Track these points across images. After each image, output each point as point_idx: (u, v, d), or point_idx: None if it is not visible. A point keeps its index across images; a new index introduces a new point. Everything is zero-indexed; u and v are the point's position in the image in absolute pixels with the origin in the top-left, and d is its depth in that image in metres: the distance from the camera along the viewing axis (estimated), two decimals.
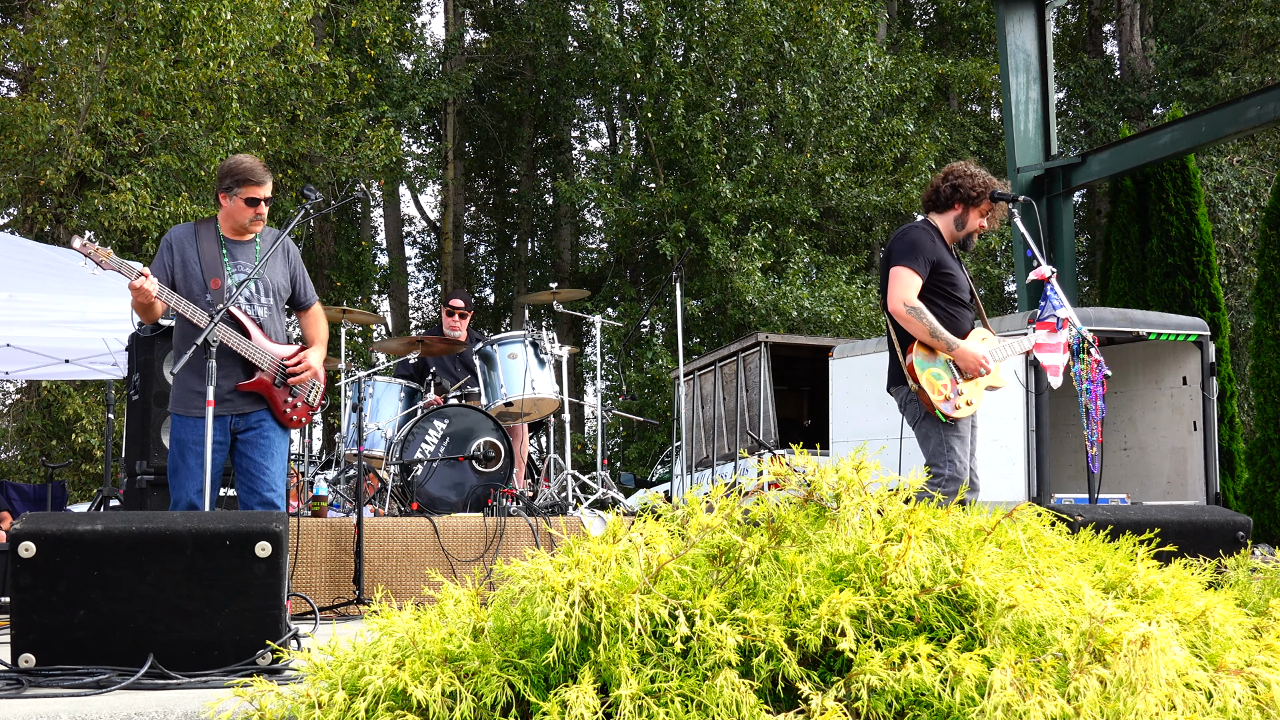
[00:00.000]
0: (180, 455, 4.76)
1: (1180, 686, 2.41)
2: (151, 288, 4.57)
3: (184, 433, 4.76)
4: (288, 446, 5.04)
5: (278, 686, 2.60)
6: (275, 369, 4.85)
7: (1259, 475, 11.39)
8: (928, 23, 27.35)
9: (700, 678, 2.41)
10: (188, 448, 4.74)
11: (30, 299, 8.22)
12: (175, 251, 4.83)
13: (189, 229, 4.91)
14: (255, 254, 4.92)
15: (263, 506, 4.77)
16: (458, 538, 6.37)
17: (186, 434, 4.75)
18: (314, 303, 5.15)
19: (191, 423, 4.72)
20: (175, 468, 4.78)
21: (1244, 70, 22.70)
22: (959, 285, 5.02)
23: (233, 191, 4.85)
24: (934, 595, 2.53)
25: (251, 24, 14.96)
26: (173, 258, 4.82)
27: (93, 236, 4.68)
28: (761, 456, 9.10)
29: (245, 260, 4.90)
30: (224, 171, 4.89)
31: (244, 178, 4.83)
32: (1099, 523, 3.37)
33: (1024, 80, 13.18)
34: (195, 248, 4.85)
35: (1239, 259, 20.66)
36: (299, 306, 5.11)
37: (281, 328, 5.02)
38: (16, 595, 3.44)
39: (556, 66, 23.17)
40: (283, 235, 4.93)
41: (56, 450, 15.74)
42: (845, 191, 20.55)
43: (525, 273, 25.24)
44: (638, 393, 19.53)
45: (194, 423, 4.70)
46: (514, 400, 7.39)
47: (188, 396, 4.75)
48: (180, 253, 4.83)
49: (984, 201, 5.06)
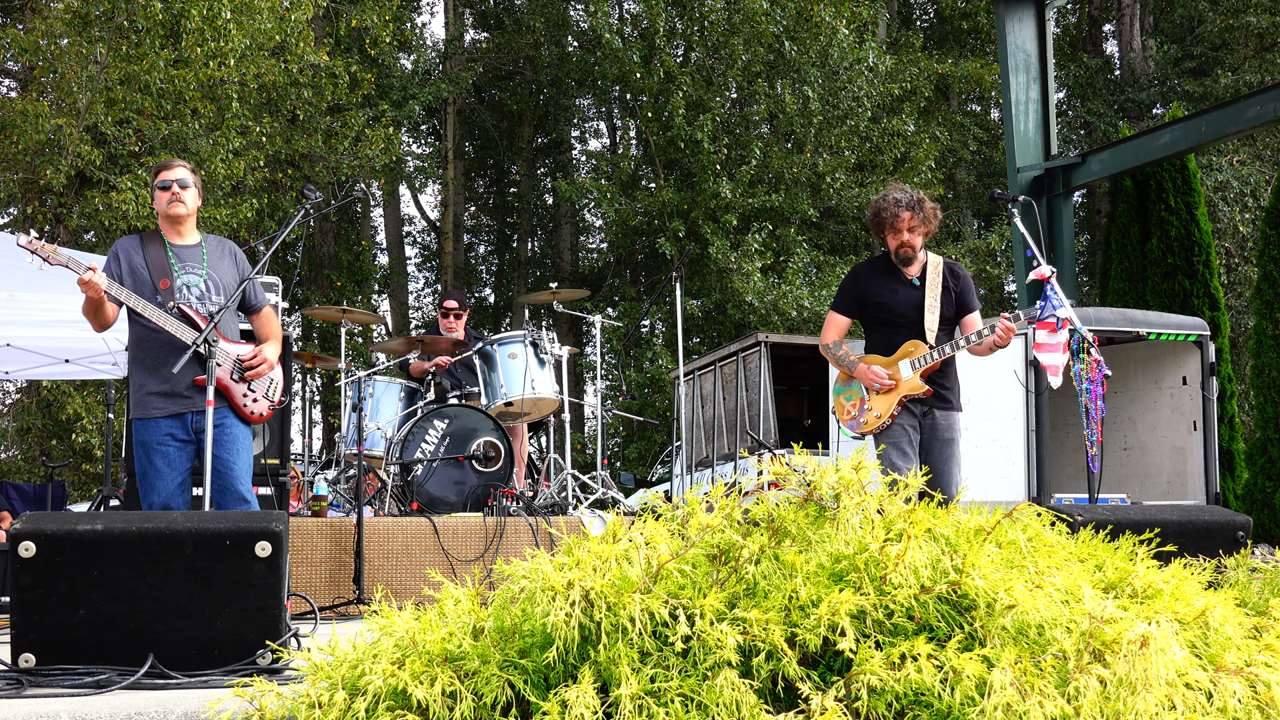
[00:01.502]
0: (146, 458, 4.76)
1: (1180, 686, 2.41)
2: (100, 281, 4.61)
3: (146, 434, 4.76)
4: (251, 442, 5.03)
5: (278, 686, 2.61)
6: (231, 364, 4.87)
7: (1259, 475, 11.38)
8: (928, 23, 27.34)
9: (700, 677, 2.41)
10: (152, 449, 4.75)
11: (30, 298, 8.22)
12: (122, 259, 4.88)
13: (134, 239, 4.98)
14: (202, 255, 4.97)
15: (239, 503, 4.77)
16: (458, 537, 6.37)
17: (149, 435, 4.76)
18: (265, 305, 5.19)
19: (152, 424, 4.75)
20: (143, 471, 4.78)
21: (1244, 70, 22.69)
22: (892, 309, 5.41)
23: (151, 187, 5.06)
24: (934, 595, 2.53)
25: (251, 24, 14.95)
26: (120, 265, 4.87)
27: (36, 234, 4.75)
28: (761, 456, 9.10)
29: (192, 262, 4.94)
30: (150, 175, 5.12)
31: (154, 170, 5.04)
32: (1099, 522, 3.37)
33: (1024, 80, 13.18)
34: (141, 254, 4.89)
35: (1239, 259, 20.66)
36: (250, 309, 5.13)
37: (234, 327, 5.05)
38: (16, 595, 3.44)
39: (556, 66, 23.16)
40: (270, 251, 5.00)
41: (56, 450, 15.75)
42: (845, 191, 20.54)
43: (525, 273, 25.24)
44: (637, 393, 19.52)
45: (154, 424, 4.74)
46: (514, 400, 7.39)
47: (145, 400, 4.77)
48: (127, 260, 4.88)
49: (884, 224, 5.38)
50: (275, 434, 6.26)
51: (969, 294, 5.46)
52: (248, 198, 15.84)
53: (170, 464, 4.75)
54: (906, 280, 5.42)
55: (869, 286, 5.49)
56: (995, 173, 24.34)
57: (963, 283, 5.46)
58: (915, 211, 5.33)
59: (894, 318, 5.40)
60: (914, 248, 5.36)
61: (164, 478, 4.73)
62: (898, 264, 5.44)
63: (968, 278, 5.51)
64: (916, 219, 5.33)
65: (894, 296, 5.42)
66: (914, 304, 5.37)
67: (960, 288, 5.44)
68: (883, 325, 5.46)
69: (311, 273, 21.68)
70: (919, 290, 5.39)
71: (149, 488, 4.76)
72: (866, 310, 5.52)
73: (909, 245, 5.35)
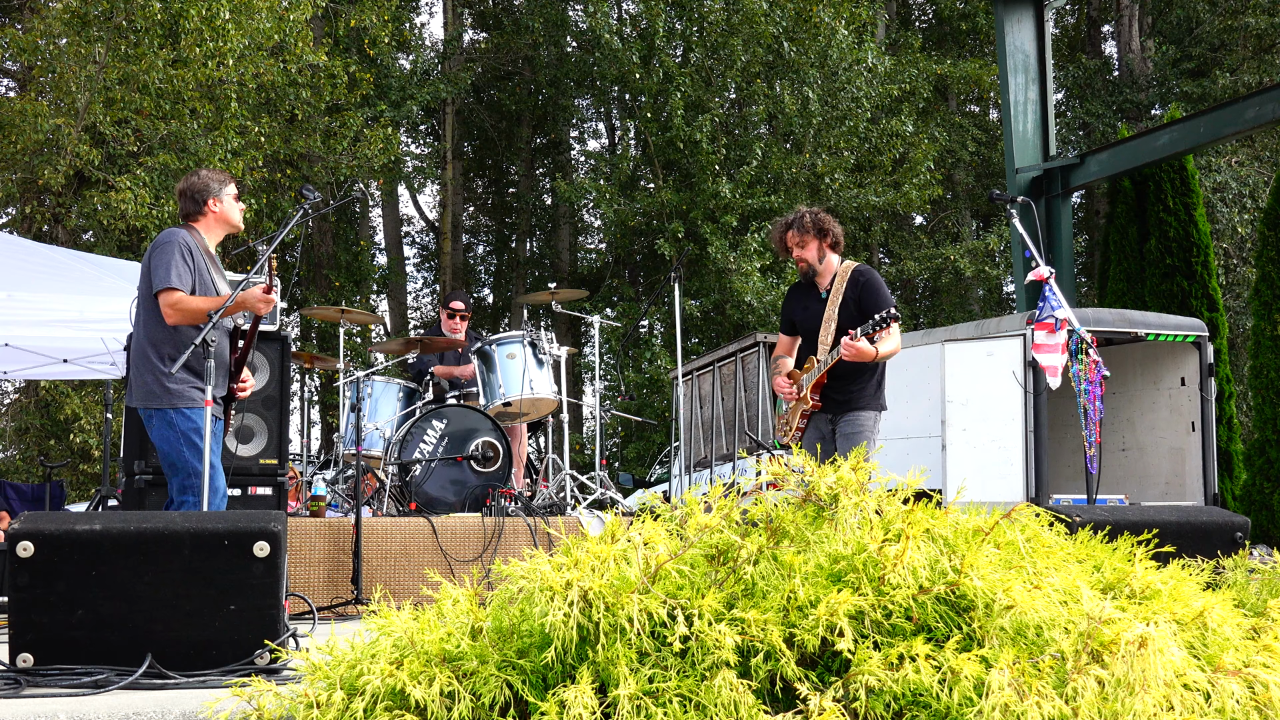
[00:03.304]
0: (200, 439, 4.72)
1: (1178, 687, 2.41)
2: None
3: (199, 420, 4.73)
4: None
5: (276, 686, 2.60)
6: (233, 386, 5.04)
7: (1257, 476, 11.38)
8: (927, 23, 27.35)
9: (698, 678, 2.41)
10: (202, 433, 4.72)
11: (28, 298, 8.21)
12: (193, 263, 4.87)
13: (189, 239, 4.94)
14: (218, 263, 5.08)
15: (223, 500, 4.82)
16: (456, 538, 6.37)
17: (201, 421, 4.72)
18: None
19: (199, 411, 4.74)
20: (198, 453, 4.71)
21: (1242, 71, 22.71)
22: (805, 324, 5.66)
23: (220, 192, 5.00)
24: (932, 595, 2.53)
25: (250, 23, 14.94)
26: (192, 266, 4.85)
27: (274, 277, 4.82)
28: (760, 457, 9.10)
29: (217, 272, 5.04)
30: (201, 183, 5.00)
31: (223, 178, 5.03)
32: (1097, 523, 3.37)
33: (1023, 81, 13.18)
34: (202, 258, 4.94)
35: (1237, 260, 20.67)
36: None
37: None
38: (14, 595, 3.44)
39: (555, 67, 23.15)
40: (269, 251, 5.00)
41: (55, 450, 15.73)
42: (844, 192, 20.54)
43: (524, 273, 25.23)
44: (636, 393, 19.51)
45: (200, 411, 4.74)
46: (512, 400, 7.38)
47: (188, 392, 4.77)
48: (197, 265, 4.88)
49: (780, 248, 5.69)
50: (273, 434, 6.25)
51: (871, 297, 5.44)
52: (246, 198, 15.78)
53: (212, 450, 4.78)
54: (818, 295, 5.62)
55: (791, 305, 5.81)
56: (994, 173, 24.34)
57: (862, 288, 5.47)
58: (796, 229, 5.56)
59: (806, 333, 5.66)
60: (808, 262, 5.57)
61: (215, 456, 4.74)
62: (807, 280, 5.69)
63: (870, 282, 5.50)
64: (798, 234, 5.56)
65: (805, 313, 5.67)
66: (817, 318, 5.56)
67: (859, 293, 5.47)
68: (803, 341, 5.73)
69: (310, 273, 21.67)
70: (824, 304, 5.55)
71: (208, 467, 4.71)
72: (795, 328, 5.78)
73: (801, 260, 5.58)
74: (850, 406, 5.46)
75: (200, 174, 5.07)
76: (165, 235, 4.90)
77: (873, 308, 5.33)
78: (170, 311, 4.74)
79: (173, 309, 4.73)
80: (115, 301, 8.00)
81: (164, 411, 4.76)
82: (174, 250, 4.80)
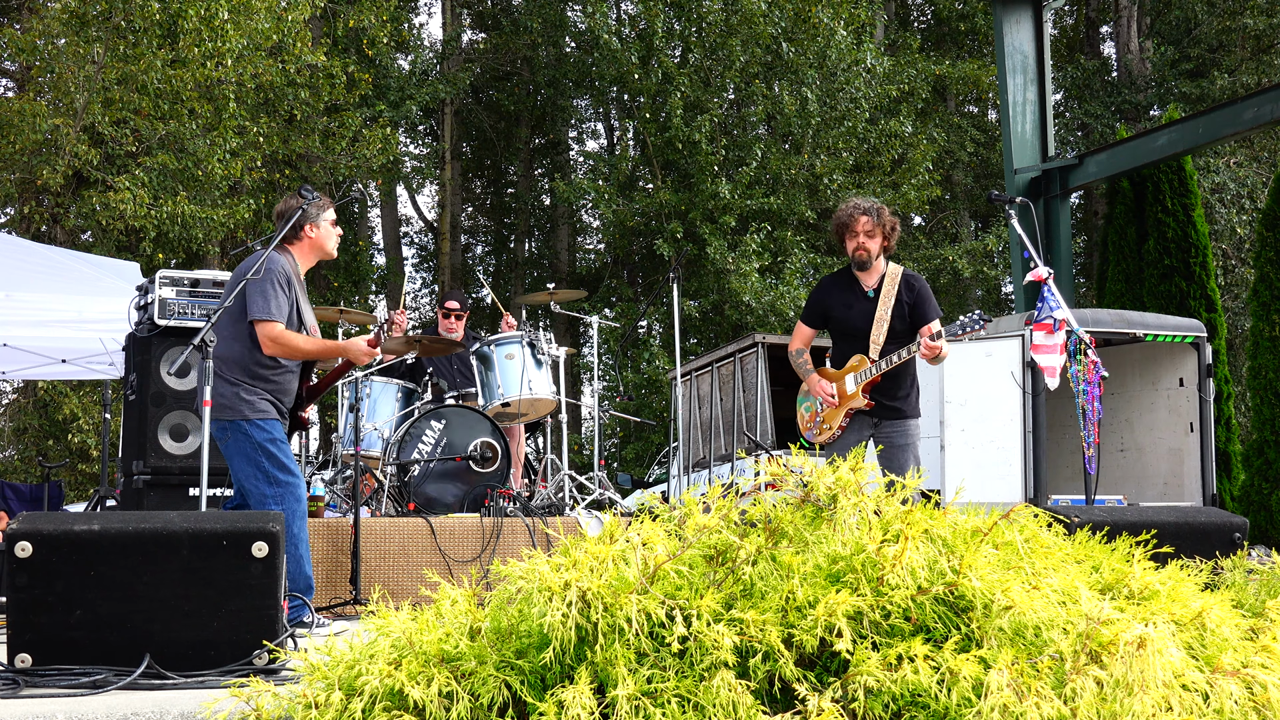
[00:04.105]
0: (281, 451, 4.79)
1: (1177, 688, 2.41)
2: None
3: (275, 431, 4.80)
4: None
5: (274, 687, 2.60)
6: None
7: (1255, 477, 11.39)
8: (925, 24, 27.36)
9: (697, 678, 2.41)
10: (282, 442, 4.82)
11: (27, 298, 8.21)
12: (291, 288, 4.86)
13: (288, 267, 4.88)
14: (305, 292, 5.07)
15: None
16: (455, 538, 6.37)
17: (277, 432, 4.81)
18: None
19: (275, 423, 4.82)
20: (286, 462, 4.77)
21: (1241, 72, 22.72)
22: (847, 321, 5.55)
23: (319, 219, 4.93)
24: (931, 596, 2.53)
25: (249, 24, 14.94)
26: (290, 294, 4.85)
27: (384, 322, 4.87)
28: (759, 457, 9.10)
29: (306, 302, 5.03)
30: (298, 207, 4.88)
31: (323, 204, 4.92)
32: (1096, 524, 3.37)
33: (1021, 81, 13.19)
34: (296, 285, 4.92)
35: (1236, 260, 20.67)
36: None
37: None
38: (13, 595, 3.44)
39: (554, 67, 23.15)
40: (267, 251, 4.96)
41: (53, 450, 15.71)
42: (843, 193, 20.52)
43: (522, 273, 25.22)
44: (635, 393, 19.51)
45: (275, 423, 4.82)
46: (511, 401, 7.38)
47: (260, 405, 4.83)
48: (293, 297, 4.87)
49: (843, 228, 5.50)
50: None
51: (924, 305, 5.48)
52: (245, 198, 15.83)
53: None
54: (863, 293, 5.53)
55: (827, 299, 5.66)
56: (993, 174, 24.35)
57: (917, 294, 5.50)
58: (872, 217, 5.45)
59: (848, 331, 5.55)
60: (869, 252, 5.45)
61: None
62: (855, 271, 5.54)
63: (924, 290, 5.54)
64: (873, 224, 5.45)
65: (848, 311, 5.55)
66: (866, 317, 5.48)
67: (914, 299, 5.48)
68: (839, 337, 5.64)
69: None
70: (872, 303, 5.49)
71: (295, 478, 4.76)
72: (828, 323, 5.68)
73: (864, 248, 5.45)
74: (899, 414, 5.49)
75: (300, 195, 4.95)
76: (268, 261, 4.80)
77: (927, 315, 5.44)
78: (270, 345, 4.76)
79: (274, 342, 4.75)
80: (114, 301, 7.99)
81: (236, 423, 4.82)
82: (273, 279, 4.76)
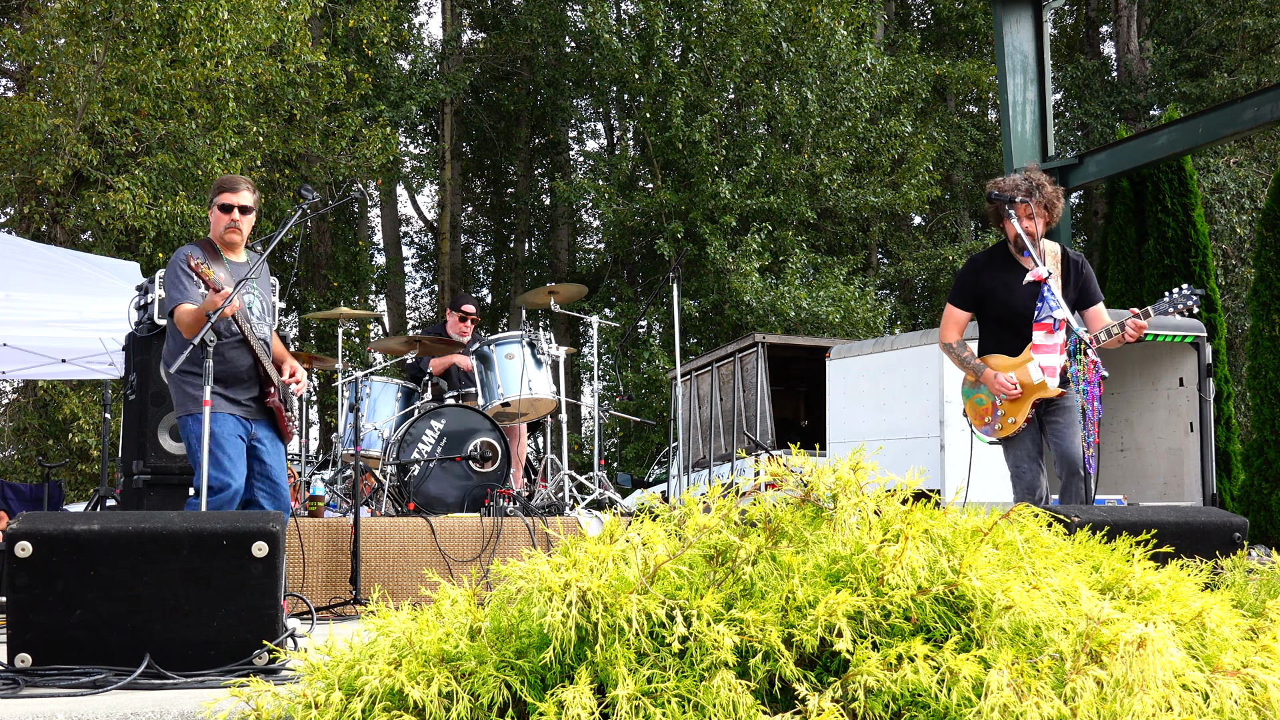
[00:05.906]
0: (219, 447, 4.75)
1: (1177, 687, 2.41)
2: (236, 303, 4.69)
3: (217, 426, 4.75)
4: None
5: (274, 686, 2.60)
6: (281, 390, 4.98)
7: (1255, 476, 11.39)
8: (925, 24, 27.37)
9: (697, 678, 2.41)
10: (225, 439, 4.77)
11: (27, 298, 8.21)
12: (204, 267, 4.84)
13: (199, 252, 4.92)
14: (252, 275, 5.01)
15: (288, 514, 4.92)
16: (455, 538, 6.37)
17: (220, 428, 4.76)
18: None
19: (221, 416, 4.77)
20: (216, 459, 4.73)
21: (1240, 71, 22.73)
22: (1009, 306, 5.14)
23: (212, 201, 4.99)
24: (931, 596, 2.53)
25: (249, 23, 14.94)
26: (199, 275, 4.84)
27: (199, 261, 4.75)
28: (758, 457, 9.10)
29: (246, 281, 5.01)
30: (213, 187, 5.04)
31: (220, 186, 4.97)
32: (1096, 524, 3.37)
33: (1021, 81, 13.19)
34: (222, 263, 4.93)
35: (1235, 260, 20.67)
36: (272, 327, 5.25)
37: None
38: (13, 595, 3.44)
39: (554, 67, 23.15)
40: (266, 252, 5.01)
41: (53, 450, 15.71)
42: (843, 192, 20.56)
43: (522, 273, 25.22)
44: (635, 393, 19.51)
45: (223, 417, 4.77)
46: (511, 400, 7.38)
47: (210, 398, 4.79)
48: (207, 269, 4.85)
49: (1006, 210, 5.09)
50: None
51: (1092, 284, 5.22)
52: None
53: (241, 457, 4.79)
54: (1023, 273, 5.10)
55: (984, 280, 5.23)
56: (992, 173, 24.33)
57: (1085, 275, 5.21)
58: (1035, 198, 5.08)
59: (1007, 315, 5.15)
60: (1032, 235, 5.07)
61: (237, 467, 4.76)
62: (1015, 254, 5.16)
63: (1088, 268, 5.23)
64: (1037, 205, 5.08)
65: (1011, 295, 5.13)
66: (1032, 297, 5.07)
67: (1081, 279, 5.20)
68: (995, 323, 5.23)
69: (309, 273, 21.67)
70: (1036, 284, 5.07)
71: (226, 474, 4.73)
72: (982, 306, 5.25)
73: (1029, 233, 5.06)
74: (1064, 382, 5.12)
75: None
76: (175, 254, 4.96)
77: (1094, 295, 5.18)
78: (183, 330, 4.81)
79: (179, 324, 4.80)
80: (113, 301, 8.00)
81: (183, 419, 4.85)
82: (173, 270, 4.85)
